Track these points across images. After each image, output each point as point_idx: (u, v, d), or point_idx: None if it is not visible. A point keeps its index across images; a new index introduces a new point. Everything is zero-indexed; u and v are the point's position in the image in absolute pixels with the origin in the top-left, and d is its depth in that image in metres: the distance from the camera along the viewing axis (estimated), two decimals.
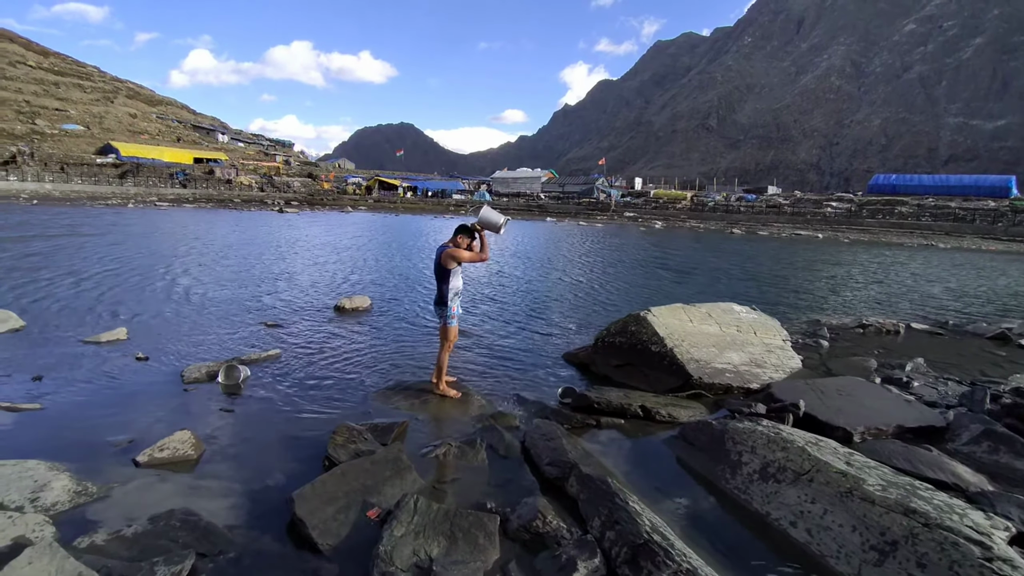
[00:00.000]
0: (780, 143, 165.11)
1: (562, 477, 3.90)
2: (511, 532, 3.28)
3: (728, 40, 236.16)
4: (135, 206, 44.25)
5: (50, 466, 3.71)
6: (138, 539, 3.05)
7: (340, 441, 4.21)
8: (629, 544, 2.94)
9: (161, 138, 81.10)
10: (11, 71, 77.13)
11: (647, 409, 5.21)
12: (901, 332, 9.40)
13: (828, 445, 3.95)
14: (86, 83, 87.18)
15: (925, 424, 4.82)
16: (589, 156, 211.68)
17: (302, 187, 72.49)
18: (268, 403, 5.37)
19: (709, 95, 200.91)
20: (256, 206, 53.67)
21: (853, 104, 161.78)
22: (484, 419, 5.08)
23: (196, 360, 6.54)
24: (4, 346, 6.87)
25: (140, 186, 57.06)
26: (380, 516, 3.32)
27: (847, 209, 51.16)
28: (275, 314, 9.32)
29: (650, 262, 20.74)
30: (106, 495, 3.60)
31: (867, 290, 15.41)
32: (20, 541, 2.92)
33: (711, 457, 4.24)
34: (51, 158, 57.86)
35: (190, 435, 4.28)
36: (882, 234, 42.21)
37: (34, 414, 4.89)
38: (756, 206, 56.83)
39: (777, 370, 6.33)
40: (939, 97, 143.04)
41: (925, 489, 3.30)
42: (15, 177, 50.27)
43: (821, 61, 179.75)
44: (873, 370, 6.86)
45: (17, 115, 68.84)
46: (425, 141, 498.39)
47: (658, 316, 6.70)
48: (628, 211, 59.92)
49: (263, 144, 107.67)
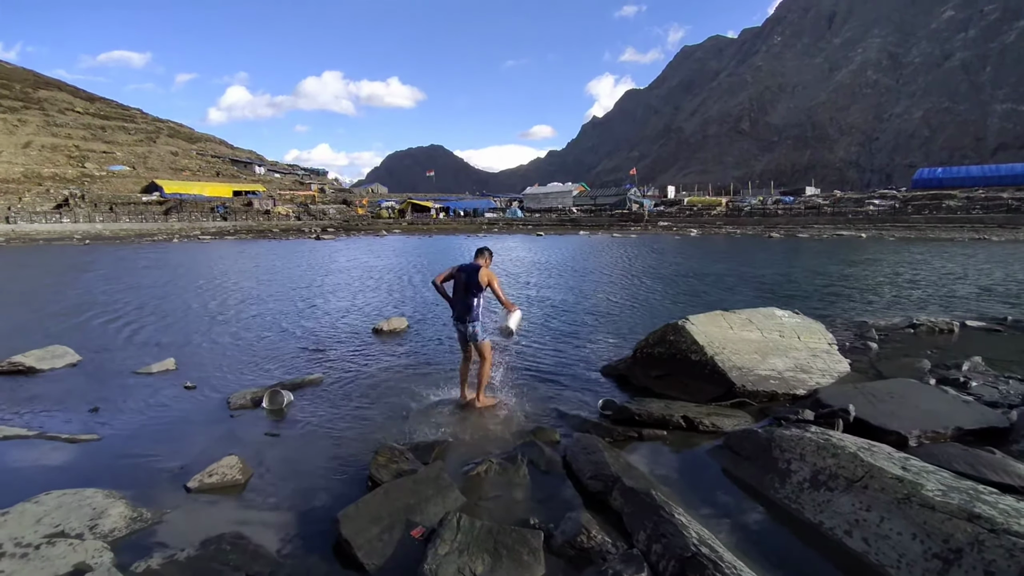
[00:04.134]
0: (816, 142, 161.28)
1: (605, 491, 3.85)
2: (555, 548, 3.24)
3: (757, 40, 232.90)
4: (179, 240, 45.93)
5: (107, 494, 3.84)
6: (191, 563, 3.13)
7: (382, 461, 4.24)
8: (677, 557, 2.87)
9: (201, 173, 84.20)
10: (61, 118, 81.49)
11: (689, 419, 5.11)
12: (955, 331, 9.01)
13: (882, 450, 3.80)
14: (130, 125, 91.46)
15: (986, 425, 4.60)
16: (620, 167, 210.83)
17: (337, 214, 74.09)
18: (311, 426, 5.46)
19: (740, 97, 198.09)
20: (294, 235, 55.06)
21: (892, 97, 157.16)
22: (524, 435, 5.06)
23: (241, 387, 6.71)
24: (62, 380, 7.19)
25: (183, 221, 59.25)
26: (424, 535, 3.33)
27: (891, 206, 49.64)
28: (316, 339, 9.50)
29: (686, 271, 20.45)
30: (160, 520, 3.71)
31: (916, 289, 14.84)
32: (81, 567, 3.03)
33: (758, 466, 4.12)
34: (100, 199, 60.65)
35: (237, 460, 4.38)
36: (929, 230, 40.68)
37: (91, 444, 5.08)
38: (794, 208, 55.64)
39: (824, 375, 6.14)
40: (984, 84, 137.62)
41: (989, 493, 3.13)
42: (68, 219, 52.86)
43: (855, 55, 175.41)
44: (927, 371, 6.59)
45: (68, 160, 72.60)
46: (455, 162, 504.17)
47: (697, 324, 6.58)
48: (662, 220, 59.33)
49: (298, 174, 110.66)
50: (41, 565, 3.05)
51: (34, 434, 5.24)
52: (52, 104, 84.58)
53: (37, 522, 3.39)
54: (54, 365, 7.65)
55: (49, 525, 3.38)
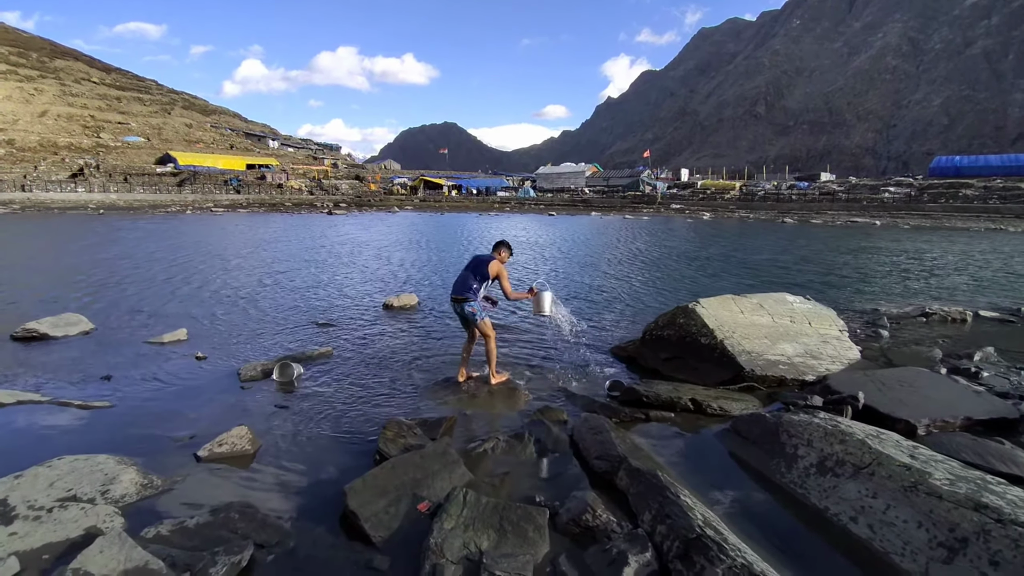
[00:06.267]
0: (833, 128, 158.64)
1: (611, 471, 3.86)
2: (560, 526, 3.26)
3: (775, 24, 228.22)
4: (193, 212, 46.10)
5: (119, 460, 3.90)
6: (200, 530, 3.17)
7: (390, 436, 4.28)
8: (681, 538, 2.88)
9: (215, 146, 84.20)
10: (77, 88, 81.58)
11: (697, 402, 5.10)
12: (968, 320, 8.93)
13: (890, 438, 3.78)
14: (145, 96, 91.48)
15: (996, 416, 4.57)
16: (633, 149, 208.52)
17: (350, 189, 73.97)
18: (321, 399, 5.50)
19: (756, 81, 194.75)
20: (306, 209, 55.14)
21: (911, 84, 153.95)
22: (532, 413, 5.07)
23: (252, 358, 6.77)
24: (76, 348, 7.28)
25: (197, 193, 59.38)
26: (430, 509, 3.36)
27: (906, 194, 48.91)
28: (326, 313, 9.55)
29: (698, 254, 20.32)
30: (170, 488, 3.77)
31: (930, 277, 14.68)
32: (92, 531, 3.09)
33: (765, 451, 4.12)
34: (115, 169, 60.92)
35: (247, 431, 4.42)
36: (945, 219, 40.08)
37: (104, 411, 5.15)
38: (808, 194, 54.96)
39: (834, 361, 6.10)
40: (1006, 72, 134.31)
41: (998, 484, 3.12)
42: (83, 189, 53.16)
43: (875, 40, 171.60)
44: (938, 360, 6.54)
45: (84, 129, 72.77)
46: (469, 139, 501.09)
47: (707, 308, 6.55)
48: (675, 203, 58.83)
49: (311, 148, 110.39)
50: (53, 528, 3.10)
51: (48, 400, 5.31)
52: (68, 74, 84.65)
53: (50, 486, 3.45)
54: (68, 332, 7.74)
55: (62, 489, 3.44)
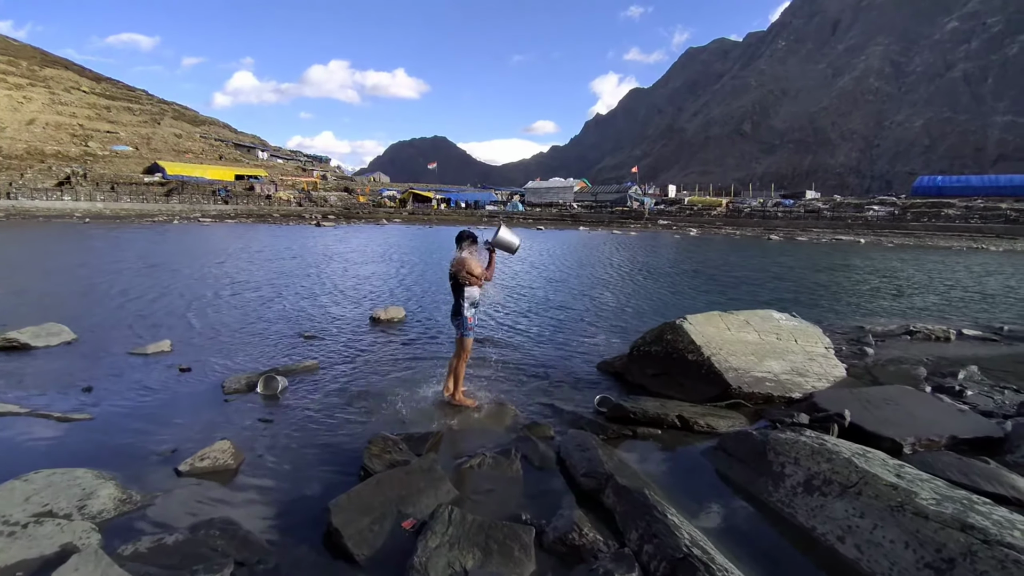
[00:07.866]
0: (818, 147, 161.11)
1: (598, 488, 3.83)
2: (547, 544, 3.23)
3: (761, 44, 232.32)
4: (180, 222, 45.74)
5: (97, 474, 3.81)
6: (179, 547, 3.10)
7: (375, 451, 4.22)
8: (668, 558, 2.86)
9: (204, 156, 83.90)
10: (66, 96, 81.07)
11: (685, 419, 5.10)
12: (952, 338, 9.01)
13: (876, 457, 3.79)
14: (135, 106, 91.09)
15: (981, 435, 4.59)
16: (621, 165, 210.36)
17: (339, 201, 73.85)
18: (305, 413, 5.43)
19: (743, 100, 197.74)
20: (294, 220, 54.86)
21: (893, 105, 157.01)
22: (518, 429, 5.04)
23: (236, 371, 6.69)
24: (57, 358, 7.15)
25: (185, 203, 58.99)
26: (415, 527, 3.31)
27: (890, 212, 49.65)
28: (312, 325, 9.47)
29: (685, 269, 20.44)
30: (149, 503, 3.68)
31: (914, 295, 14.85)
32: (68, 548, 3.01)
33: (752, 469, 4.11)
34: (102, 178, 60.48)
35: (230, 445, 4.35)
36: (928, 238, 40.69)
37: (83, 424, 5.05)
38: (794, 211, 55.60)
39: (820, 379, 6.13)
40: (985, 95, 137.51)
41: (983, 503, 3.13)
42: (69, 197, 52.63)
43: (859, 62, 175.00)
44: (923, 378, 6.59)
45: (72, 138, 72.26)
46: (458, 153, 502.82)
47: (694, 324, 6.56)
48: (662, 219, 59.28)
49: (301, 160, 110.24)
50: (28, 544, 3.02)
51: (26, 411, 5.20)
52: (58, 82, 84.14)
53: (26, 500, 3.36)
54: (49, 343, 7.60)
55: (37, 504, 3.35)
